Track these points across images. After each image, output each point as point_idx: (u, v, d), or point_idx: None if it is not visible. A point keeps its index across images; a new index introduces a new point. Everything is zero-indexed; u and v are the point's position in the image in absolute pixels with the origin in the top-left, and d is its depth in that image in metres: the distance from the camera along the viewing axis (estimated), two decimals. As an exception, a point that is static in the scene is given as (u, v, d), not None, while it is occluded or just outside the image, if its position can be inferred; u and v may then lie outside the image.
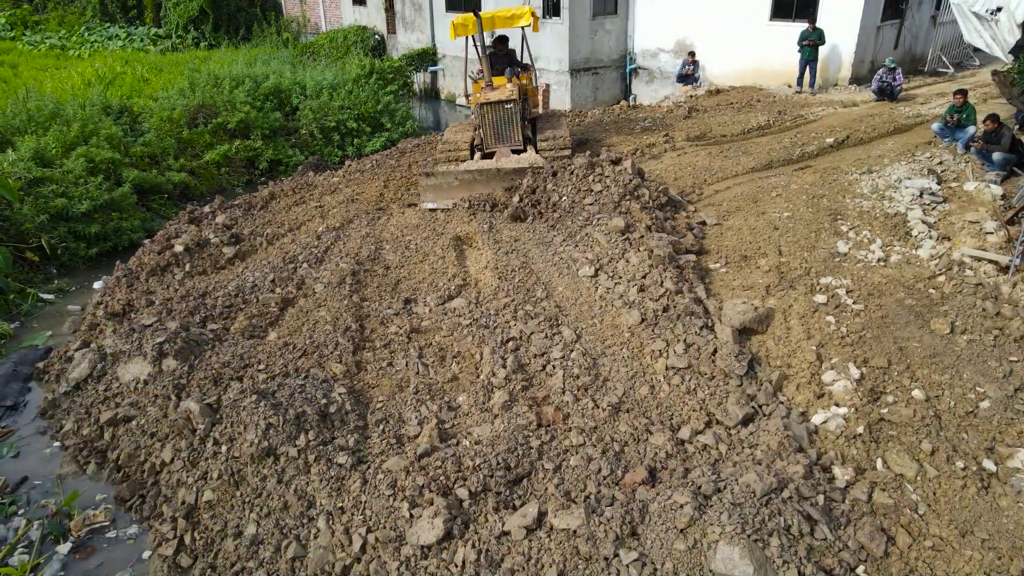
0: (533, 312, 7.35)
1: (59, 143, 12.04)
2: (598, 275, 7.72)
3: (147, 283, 8.89)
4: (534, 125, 11.83)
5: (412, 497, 5.25)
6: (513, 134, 10.72)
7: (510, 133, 10.71)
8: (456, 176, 10.12)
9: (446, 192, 10.15)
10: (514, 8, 11.18)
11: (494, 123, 10.63)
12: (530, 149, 10.86)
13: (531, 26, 11.30)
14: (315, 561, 5.10)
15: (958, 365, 6.09)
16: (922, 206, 9.13)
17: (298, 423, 5.89)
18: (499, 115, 10.54)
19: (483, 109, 10.49)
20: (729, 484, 4.90)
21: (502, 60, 11.76)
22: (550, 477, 5.39)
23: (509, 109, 10.48)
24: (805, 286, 7.45)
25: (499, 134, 10.72)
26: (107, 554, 5.62)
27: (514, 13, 11.01)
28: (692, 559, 4.53)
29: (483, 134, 10.78)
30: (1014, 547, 4.54)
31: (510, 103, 10.47)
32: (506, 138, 10.74)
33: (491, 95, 10.54)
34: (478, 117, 10.75)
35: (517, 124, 10.66)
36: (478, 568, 4.80)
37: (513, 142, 10.77)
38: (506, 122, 10.62)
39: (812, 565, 4.43)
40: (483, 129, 10.73)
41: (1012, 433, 5.44)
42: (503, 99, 10.41)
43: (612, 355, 6.69)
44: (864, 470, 5.26)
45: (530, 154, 10.50)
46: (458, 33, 11.05)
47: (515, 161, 10.23)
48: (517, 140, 10.78)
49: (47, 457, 6.70)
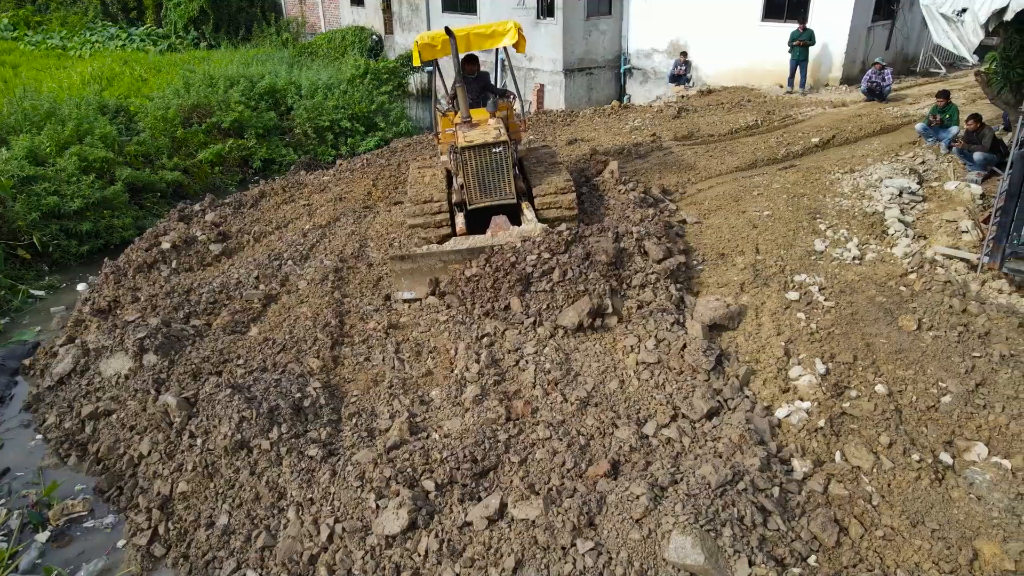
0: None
1: (53, 142, 12.20)
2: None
3: (134, 280, 9.03)
4: (522, 168, 9.40)
5: (379, 488, 5.37)
6: (504, 185, 8.32)
7: (500, 184, 8.30)
8: (440, 258, 7.71)
9: (425, 278, 7.79)
10: (495, 23, 8.99)
11: (480, 172, 8.22)
12: (527, 210, 8.49)
13: (517, 45, 9.06)
14: (283, 550, 5.22)
15: (923, 361, 6.17)
16: (901, 205, 9.20)
17: (271, 416, 6.01)
18: (486, 162, 8.17)
19: (466, 155, 8.09)
20: (686, 476, 5.00)
21: (473, 87, 9.48)
22: (515, 470, 5.50)
23: (499, 154, 8.15)
24: (779, 283, 7.54)
25: (486, 186, 8.30)
26: (84, 543, 5.76)
27: (495, 30, 8.82)
28: (646, 548, 4.63)
29: (466, 186, 8.33)
30: (963, 537, 4.63)
31: (499, 146, 8.13)
32: (496, 190, 8.32)
33: (474, 135, 8.22)
34: (457, 164, 8.36)
35: (509, 172, 8.30)
36: (440, 557, 4.91)
37: (505, 195, 8.36)
38: (495, 170, 8.23)
39: (763, 555, 4.53)
40: (466, 180, 8.28)
41: (971, 427, 5.53)
42: (491, 141, 8.10)
43: (585, 351, 6.78)
44: (823, 462, 5.35)
45: (533, 225, 7.96)
46: (425, 56, 8.76)
47: (517, 235, 7.72)
48: (509, 192, 8.37)
49: (30, 449, 6.84)
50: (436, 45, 8.68)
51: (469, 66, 9.43)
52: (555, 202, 8.58)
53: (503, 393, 6.32)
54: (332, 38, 25.87)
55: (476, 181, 8.27)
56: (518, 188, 8.52)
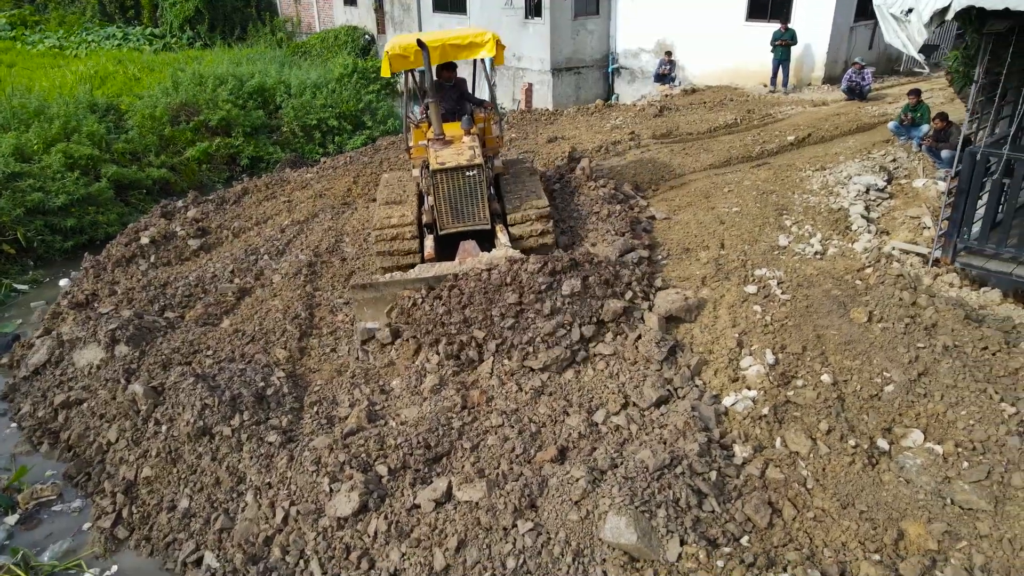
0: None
1: (40, 139, 12.41)
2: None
3: (112, 274, 9.22)
4: (498, 186, 8.86)
5: (334, 473, 5.55)
6: (478, 210, 7.92)
7: (473, 209, 7.90)
8: (404, 286, 7.25)
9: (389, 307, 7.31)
10: (471, 33, 8.33)
11: (452, 197, 7.79)
12: (501, 233, 8.09)
13: (495, 58, 8.47)
14: (240, 532, 5.40)
15: (870, 352, 6.32)
16: (866, 202, 9.35)
17: (233, 404, 6.19)
18: (458, 185, 7.73)
19: (437, 178, 7.66)
20: (626, 461, 5.16)
21: (450, 95, 8.96)
22: (467, 455, 5.68)
23: (472, 177, 7.70)
24: (739, 277, 7.69)
25: (459, 211, 7.89)
26: (51, 525, 5.95)
27: (472, 41, 8.21)
28: (584, 529, 4.80)
29: (437, 210, 7.90)
30: (890, 518, 4.79)
31: (472, 169, 7.67)
32: (468, 215, 7.92)
33: (446, 157, 7.75)
34: (428, 186, 7.98)
35: (483, 196, 7.87)
36: (388, 538, 5.09)
37: (478, 220, 7.96)
38: (468, 194, 7.80)
39: (696, 535, 4.69)
40: (437, 204, 7.84)
41: (911, 415, 5.68)
42: (463, 164, 7.64)
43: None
44: (763, 448, 5.51)
45: (504, 250, 7.50)
46: (396, 67, 8.24)
47: (485, 262, 7.23)
48: (483, 218, 7.96)
49: (4, 437, 7.04)
50: (408, 56, 8.13)
51: (446, 73, 8.94)
52: (531, 231, 8.14)
53: (461, 383, 6.48)
54: (325, 37, 26.07)
55: (448, 206, 7.85)
56: (492, 210, 8.10)
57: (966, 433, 5.33)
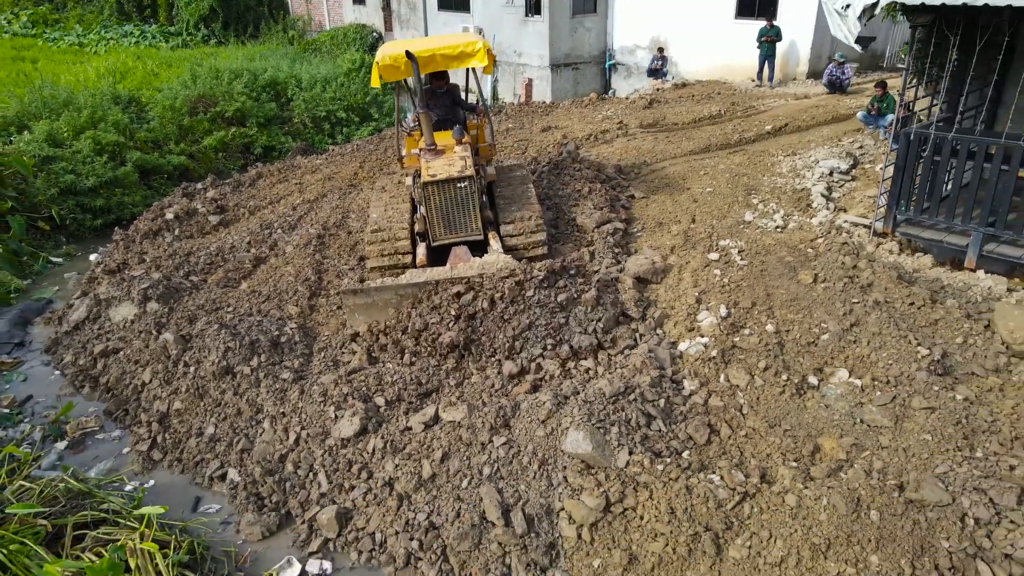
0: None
1: (70, 127, 13.38)
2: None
3: (141, 245, 10.17)
4: (491, 194, 8.87)
5: (338, 403, 6.45)
6: (470, 221, 7.90)
7: (465, 220, 7.87)
8: (395, 291, 7.22)
9: (381, 313, 7.34)
10: (462, 43, 8.14)
11: (444, 208, 7.76)
12: (493, 240, 8.08)
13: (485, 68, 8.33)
14: (259, 452, 6.30)
15: (811, 307, 7.16)
16: (829, 183, 10.19)
17: (252, 348, 7.11)
18: (450, 196, 7.69)
19: (429, 190, 7.62)
20: (586, 389, 6.04)
21: (442, 102, 8.95)
22: (453, 391, 6.57)
23: (464, 188, 7.66)
24: (704, 247, 8.54)
25: (451, 222, 7.87)
26: (96, 450, 6.87)
27: (463, 51, 8.04)
28: (549, 442, 5.68)
29: (429, 222, 7.90)
30: (808, 435, 5.64)
31: (464, 181, 7.63)
32: (461, 227, 7.90)
33: (437, 168, 7.68)
34: (420, 197, 8.02)
35: (475, 207, 7.84)
36: (384, 453, 5.98)
37: (470, 231, 7.95)
38: (460, 205, 7.77)
39: (643, 448, 5.55)
40: (429, 215, 7.84)
41: (841, 358, 6.52)
42: (454, 176, 7.58)
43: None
44: (709, 382, 6.37)
45: (496, 256, 7.58)
46: (387, 78, 8.08)
47: (477, 267, 7.33)
48: (475, 229, 7.96)
49: (49, 383, 7.97)
50: (399, 66, 7.96)
51: (437, 81, 8.92)
52: (524, 243, 8.20)
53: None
54: (335, 35, 27.04)
55: (440, 217, 7.82)
56: (484, 218, 8.13)
57: (883, 370, 6.18)
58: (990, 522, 4.71)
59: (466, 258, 7.69)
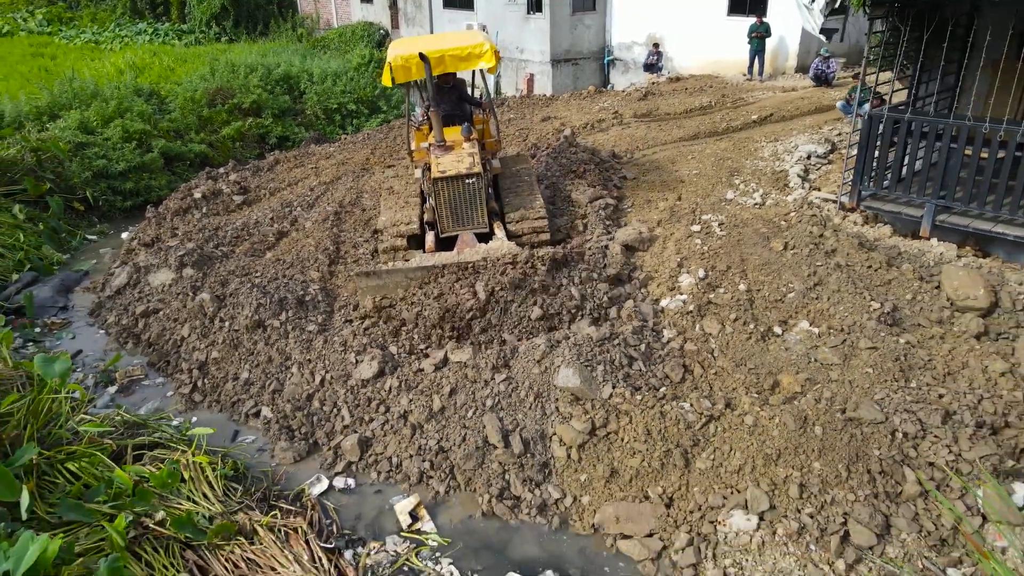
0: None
1: (99, 116, 14.26)
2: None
3: (172, 222, 11.05)
4: (497, 187, 9.31)
5: (358, 350, 7.31)
6: (477, 215, 8.33)
7: (473, 214, 8.30)
8: (405, 274, 7.66)
9: (391, 295, 7.76)
10: (470, 44, 8.48)
11: (452, 202, 8.18)
12: (498, 228, 8.47)
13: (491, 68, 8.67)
14: (288, 392, 7.16)
15: (780, 270, 7.99)
16: (806, 165, 11.02)
17: (281, 305, 7.97)
18: (459, 191, 8.11)
19: (438, 185, 8.05)
20: (576, 334, 6.89)
21: (450, 97, 9.38)
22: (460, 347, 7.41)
23: (472, 184, 8.07)
24: (688, 220, 9.38)
25: (459, 215, 8.30)
26: (142, 394, 7.74)
27: (471, 52, 8.41)
28: (543, 379, 6.53)
29: (438, 215, 8.31)
30: (769, 372, 6.48)
31: (472, 177, 8.03)
32: (468, 220, 8.34)
33: (446, 165, 8.09)
34: (429, 190, 8.38)
35: (482, 202, 8.23)
36: (399, 391, 6.84)
37: (477, 224, 8.38)
38: (467, 200, 8.19)
39: (625, 383, 6.40)
40: (438, 209, 8.25)
41: (804, 312, 7.35)
42: (463, 173, 7.99)
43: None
44: (685, 331, 7.22)
45: (500, 243, 8.02)
46: (399, 78, 8.40)
47: (482, 252, 7.75)
48: (482, 222, 8.39)
49: (96, 340, 8.84)
50: (411, 68, 8.33)
51: (445, 78, 9.28)
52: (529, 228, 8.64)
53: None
54: (343, 33, 27.91)
55: (448, 210, 8.26)
56: (490, 209, 8.50)
57: (839, 321, 7.01)
58: (916, 436, 5.56)
59: (472, 243, 8.19)
